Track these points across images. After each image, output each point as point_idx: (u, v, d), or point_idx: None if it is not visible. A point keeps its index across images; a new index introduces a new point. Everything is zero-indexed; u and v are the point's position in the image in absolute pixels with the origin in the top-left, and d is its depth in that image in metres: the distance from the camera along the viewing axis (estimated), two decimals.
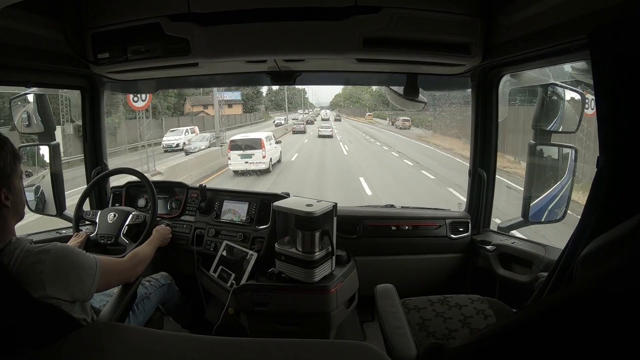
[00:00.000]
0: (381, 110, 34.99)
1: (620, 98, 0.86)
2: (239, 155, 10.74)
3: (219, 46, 1.48)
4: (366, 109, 39.53)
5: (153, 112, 15.85)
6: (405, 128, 23.90)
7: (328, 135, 22.45)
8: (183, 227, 1.97)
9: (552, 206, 1.60)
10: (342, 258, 1.78)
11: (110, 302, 1.30)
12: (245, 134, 13.03)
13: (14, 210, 0.92)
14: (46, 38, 1.44)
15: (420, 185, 9.82)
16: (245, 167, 10.70)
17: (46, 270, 0.86)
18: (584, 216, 0.93)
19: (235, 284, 1.67)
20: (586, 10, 1.01)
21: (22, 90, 1.79)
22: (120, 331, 0.94)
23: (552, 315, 0.50)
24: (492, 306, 1.37)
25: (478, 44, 1.47)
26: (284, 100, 42.84)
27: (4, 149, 0.88)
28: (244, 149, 10.81)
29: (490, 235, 1.85)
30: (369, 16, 1.38)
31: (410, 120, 23.91)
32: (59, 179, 1.92)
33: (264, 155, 10.88)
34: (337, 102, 49.93)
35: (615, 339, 0.43)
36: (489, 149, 1.82)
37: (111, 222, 1.74)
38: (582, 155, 4.68)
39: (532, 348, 0.50)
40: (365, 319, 2.04)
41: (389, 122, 29.39)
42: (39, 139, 1.87)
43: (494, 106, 1.76)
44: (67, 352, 0.83)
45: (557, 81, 1.54)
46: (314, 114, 38.60)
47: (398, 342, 1.07)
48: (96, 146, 2.03)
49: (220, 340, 0.89)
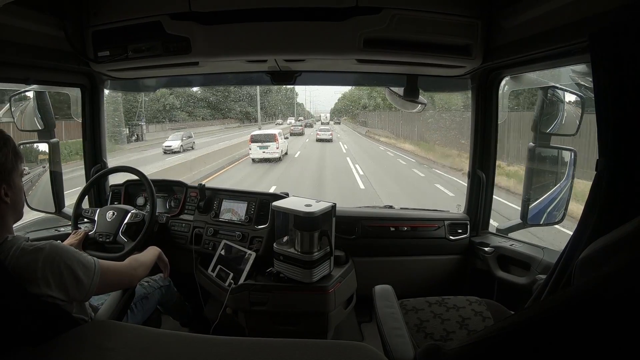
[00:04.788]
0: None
1: (620, 101, 0.86)
2: (258, 146, 13.69)
3: (219, 45, 1.48)
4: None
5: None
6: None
7: (327, 139, 22.27)
8: (182, 226, 1.97)
9: (551, 208, 1.60)
10: (341, 258, 1.78)
11: (109, 301, 1.30)
12: (262, 131, 16.21)
13: (13, 208, 0.92)
14: (47, 35, 1.44)
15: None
16: (263, 156, 13.64)
17: (39, 268, 0.86)
18: (582, 219, 0.93)
19: (234, 283, 1.67)
20: (587, 13, 1.02)
21: (22, 88, 1.78)
22: (118, 329, 0.93)
23: (550, 317, 0.50)
24: (490, 308, 1.37)
25: (478, 46, 1.48)
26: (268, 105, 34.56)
27: (6, 146, 0.88)
28: (262, 141, 13.76)
29: (489, 237, 1.86)
30: (369, 17, 1.38)
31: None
32: (58, 177, 1.92)
33: (277, 147, 13.79)
34: (339, 108, 44.59)
35: (614, 342, 0.43)
36: (488, 151, 1.82)
37: (110, 220, 1.74)
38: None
39: (530, 350, 0.50)
40: (363, 320, 2.04)
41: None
42: (39, 136, 1.87)
43: (493, 108, 1.76)
44: (65, 350, 0.83)
45: (558, 84, 1.54)
46: (298, 124, 30.21)
47: (396, 343, 1.07)
48: (95, 144, 2.02)
49: (218, 339, 0.89)
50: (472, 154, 1.86)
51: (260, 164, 13.50)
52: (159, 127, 22.62)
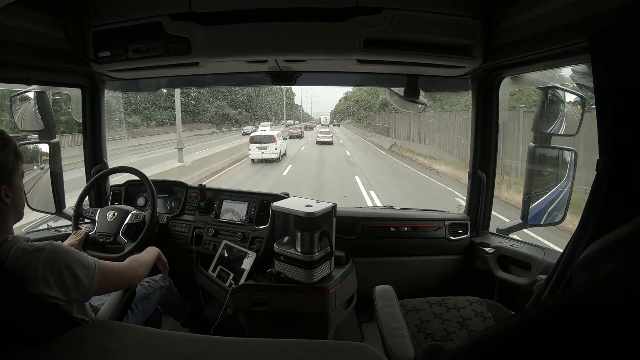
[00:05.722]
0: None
1: (620, 101, 0.86)
2: (257, 147, 13.96)
3: (219, 46, 1.48)
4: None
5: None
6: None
7: (328, 141, 22.21)
8: (182, 226, 1.97)
9: (551, 209, 1.60)
10: (341, 259, 1.78)
11: (109, 301, 1.30)
12: (261, 132, 16.46)
13: (13, 209, 0.92)
14: (47, 36, 1.44)
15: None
16: (262, 157, 13.93)
17: (40, 268, 0.86)
18: (583, 219, 0.93)
19: (234, 283, 1.67)
20: (587, 14, 1.02)
21: (23, 88, 1.78)
22: (119, 330, 0.94)
23: (551, 317, 0.50)
24: (490, 308, 1.37)
25: (479, 46, 1.47)
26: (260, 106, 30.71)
27: (7, 146, 0.88)
28: (261, 142, 14.05)
29: (490, 237, 1.85)
30: (370, 17, 1.38)
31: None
32: (59, 177, 1.92)
33: (276, 148, 14.11)
34: (341, 109, 40.07)
35: (614, 343, 0.43)
36: (488, 151, 1.82)
37: (110, 220, 1.74)
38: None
39: (530, 350, 0.50)
40: (363, 320, 2.04)
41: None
42: (39, 136, 1.87)
43: (494, 108, 1.76)
44: (65, 350, 0.83)
45: (558, 84, 1.54)
46: (296, 126, 28.47)
47: (396, 343, 1.07)
48: (96, 145, 2.02)
49: (218, 339, 0.89)
50: (473, 154, 1.86)
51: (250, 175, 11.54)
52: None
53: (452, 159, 12.24)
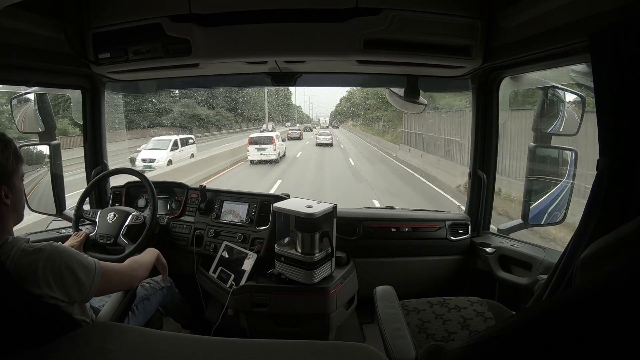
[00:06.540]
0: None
1: (621, 101, 0.86)
2: (255, 148, 13.90)
3: (219, 47, 1.48)
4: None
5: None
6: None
7: (327, 143, 21.91)
8: (183, 227, 1.97)
9: (552, 209, 1.60)
10: (342, 259, 1.78)
11: (110, 302, 1.30)
12: (260, 133, 16.29)
13: (13, 210, 0.92)
14: (47, 38, 1.44)
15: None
16: (260, 158, 13.86)
17: (40, 269, 0.86)
18: (583, 219, 0.93)
19: (235, 284, 1.67)
20: (587, 13, 1.02)
21: (23, 90, 1.78)
22: (120, 331, 0.94)
23: (552, 317, 0.50)
24: (491, 308, 1.37)
25: (479, 47, 1.48)
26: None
27: (7, 148, 0.88)
28: (260, 143, 13.98)
29: (490, 237, 1.85)
30: (369, 18, 1.38)
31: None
32: (59, 179, 1.92)
33: (275, 149, 14.08)
34: (342, 110, 37.87)
35: (615, 342, 0.43)
36: (489, 151, 1.82)
37: (111, 222, 1.74)
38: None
39: (531, 351, 0.50)
40: (364, 321, 2.04)
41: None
42: (40, 138, 1.87)
43: (494, 108, 1.76)
44: (66, 351, 0.83)
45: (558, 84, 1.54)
46: (295, 128, 26.84)
47: (397, 344, 1.06)
48: (96, 146, 2.03)
49: (219, 341, 0.89)
50: (473, 154, 1.86)
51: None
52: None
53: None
